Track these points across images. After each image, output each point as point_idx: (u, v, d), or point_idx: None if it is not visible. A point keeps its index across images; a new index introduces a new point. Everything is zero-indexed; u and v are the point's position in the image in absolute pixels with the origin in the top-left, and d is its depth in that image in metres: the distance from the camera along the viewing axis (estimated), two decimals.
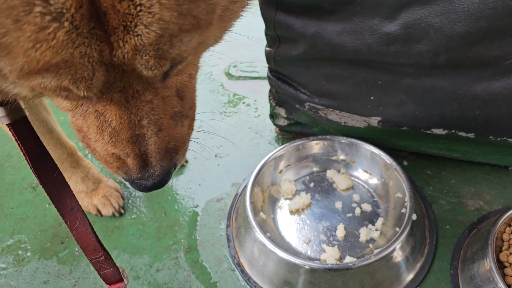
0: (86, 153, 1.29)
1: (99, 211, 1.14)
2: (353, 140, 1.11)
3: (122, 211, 1.14)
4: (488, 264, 0.89)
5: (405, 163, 1.17)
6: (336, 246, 0.99)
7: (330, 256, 0.97)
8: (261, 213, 1.05)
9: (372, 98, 1.04)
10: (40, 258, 1.07)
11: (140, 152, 0.53)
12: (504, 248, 0.93)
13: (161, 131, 0.52)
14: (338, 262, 0.96)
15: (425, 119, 1.03)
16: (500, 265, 0.91)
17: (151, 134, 0.52)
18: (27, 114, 0.67)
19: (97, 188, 1.15)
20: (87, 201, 1.13)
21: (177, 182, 1.21)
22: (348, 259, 0.95)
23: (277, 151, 1.11)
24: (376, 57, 0.96)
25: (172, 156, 0.56)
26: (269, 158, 1.09)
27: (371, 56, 0.97)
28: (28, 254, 1.08)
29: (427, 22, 0.88)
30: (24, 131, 0.65)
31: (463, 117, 1.00)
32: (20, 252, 1.09)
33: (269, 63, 1.15)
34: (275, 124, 1.29)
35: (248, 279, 0.99)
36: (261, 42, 1.14)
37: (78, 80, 0.41)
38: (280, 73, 1.15)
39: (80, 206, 0.72)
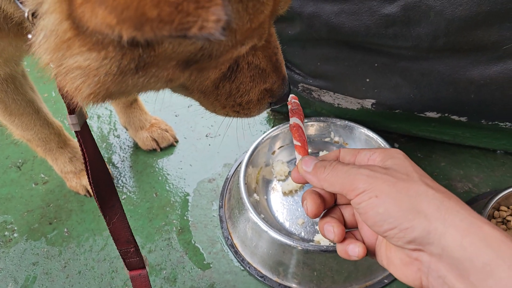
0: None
1: (88, 191, 1.11)
2: (348, 122, 1.11)
3: None
4: None
5: (396, 145, 1.18)
6: None
7: (324, 237, 0.97)
8: (255, 194, 1.04)
9: (367, 80, 1.04)
10: (28, 239, 1.05)
11: (279, 73, 0.62)
12: None
13: (279, 50, 0.62)
14: (331, 244, 0.97)
15: (419, 102, 1.04)
16: None
17: (280, 55, 0.61)
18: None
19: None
20: (75, 182, 1.11)
21: (167, 162, 1.19)
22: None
23: (271, 132, 1.10)
24: (374, 39, 0.95)
25: None
26: (263, 138, 1.08)
27: (369, 38, 0.96)
28: (15, 235, 1.06)
29: (428, 5, 0.87)
30: (86, 136, 0.66)
31: (457, 101, 1.00)
32: (6, 233, 1.06)
33: None
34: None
35: (241, 260, 0.99)
36: None
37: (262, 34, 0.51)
38: None
39: (121, 203, 0.75)
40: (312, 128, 1.14)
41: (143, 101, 1.23)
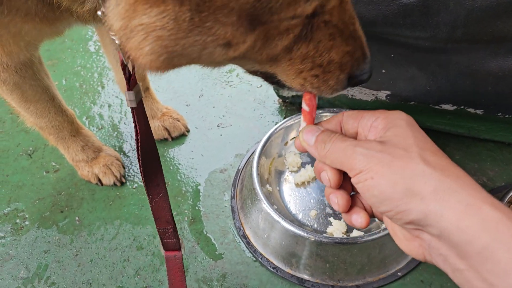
0: (84, 121, 1.25)
1: (99, 180, 1.11)
2: None
3: (123, 181, 1.12)
4: None
5: None
6: (342, 220, 0.99)
7: (337, 229, 0.97)
8: (268, 185, 1.03)
9: (383, 71, 1.02)
10: (39, 227, 1.04)
11: (360, 44, 0.59)
12: None
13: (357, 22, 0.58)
14: (345, 235, 0.96)
15: (435, 94, 1.02)
16: None
17: (358, 27, 0.58)
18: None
19: (97, 157, 1.11)
20: (87, 170, 1.10)
21: (179, 152, 1.18)
22: (356, 233, 0.95)
23: (285, 122, 1.08)
24: (391, 29, 0.94)
25: None
26: (277, 129, 1.07)
27: (386, 28, 0.94)
28: (27, 223, 1.05)
29: None
30: (140, 113, 0.67)
31: (474, 93, 0.99)
32: (18, 220, 1.06)
33: None
34: (278, 95, 1.26)
35: (253, 250, 0.98)
36: None
37: None
38: None
39: (165, 183, 0.75)
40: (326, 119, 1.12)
41: (154, 90, 1.22)
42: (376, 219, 0.99)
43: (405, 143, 0.48)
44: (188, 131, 1.23)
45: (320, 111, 1.12)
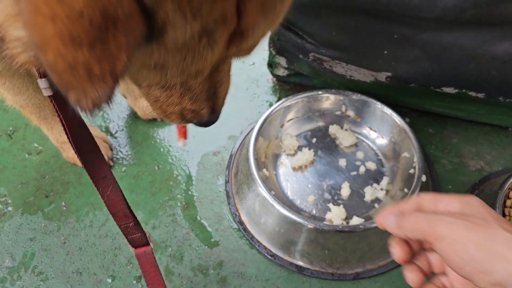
0: None
1: None
2: (362, 96, 1.06)
3: (111, 163, 1.07)
4: None
5: (408, 120, 1.14)
6: (341, 206, 0.97)
7: (336, 216, 0.94)
8: (264, 170, 1.00)
9: (385, 52, 0.98)
10: (23, 213, 0.99)
11: (212, 104, 0.62)
12: (506, 214, 0.94)
13: (224, 86, 0.62)
14: (344, 222, 0.94)
15: (437, 77, 0.99)
16: None
17: (221, 91, 0.61)
18: None
19: None
20: (73, 153, 1.04)
21: (169, 133, 1.13)
22: (356, 220, 0.93)
23: (282, 103, 1.04)
24: (396, 9, 0.90)
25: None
26: (273, 110, 1.03)
27: (391, 7, 0.90)
28: (10, 208, 1.00)
29: None
30: (62, 101, 0.62)
31: (477, 77, 0.96)
32: (0, 206, 1.00)
33: None
34: (273, 74, 1.21)
35: (250, 237, 0.95)
36: None
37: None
38: (286, 19, 1.06)
39: (113, 175, 0.71)
40: (326, 101, 1.09)
41: None
42: (376, 205, 0.97)
43: (483, 216, 0.53)
44: None
45: (320, 92, 1.08)
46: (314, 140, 1.08)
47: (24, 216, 0.99)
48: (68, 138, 0.65)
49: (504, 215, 0.92)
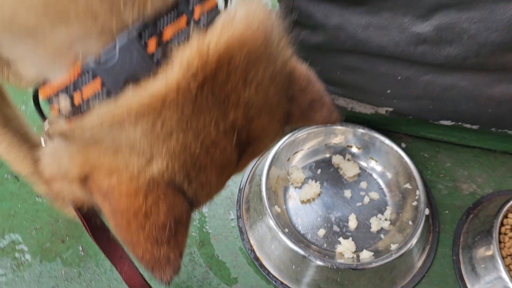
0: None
1: None
2: (367, 130, 1.11)
3: None
4: (492, 251, 0.97)
5: (403, 145, 1.20)
6: (350, 238, 1.03)
7: (347, 249, 1.00)
8: (276, 206, 1.04)
9: (388, 91, 1.03)
10: (42, 261, 1.00)
11: None
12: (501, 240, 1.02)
13: None
14: (354, 256, 1.00)
15: (436, 113, 1.05)
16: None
17: None
18: None
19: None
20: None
21: None
22: (366, 253, 0.99)
23: (288, 138, 1.08)
24: (402, 55, 0.94)
25: None
26: (280, 146, 1.07)
27: (396, 54, 0.94)
28: (27, 256, 1.01)
29: (462, 27, 0.86)
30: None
31: (474, 113, 1.03)
32: (17, 254, 1.01)
33: None
34: None
35: (267, 273, 1.00)
36: None
37: None
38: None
39: (127, 253, 0.78)
40: (331, 134, 1.14)
41: None
42: (382, 235, 1.04)
43: None
44: None
45: (326, 125, 1.12)
46: (319, 171, 1.13)
47: (43, 264, 1.00)
48: (82, 222, 0.72)
49: (500, 241, 1.00)
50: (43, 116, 0.55)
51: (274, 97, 0.50)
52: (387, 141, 1.09)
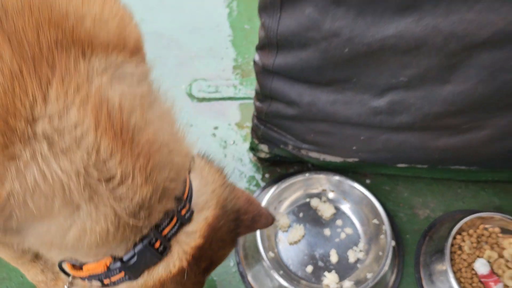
0: None
1: None
2: (338, 176, 1.32)
3: None
4: (445, 266, 1.21)
5: (368, 181, 1.42)
6: (333, 271, 1.24)
7: (331, 281, 1.21)
8: (270, 252, 1.24)
9: (354, 148, 1.24)
10: None
11: None
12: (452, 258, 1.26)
13: None
14: (338, 285, 1.21)
15: (394, 160, 1.28)
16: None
17: None
18: None
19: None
20: None
21: None
22: (347, 283, 1.20)
23: (274, 191, 1.27)
24: (364, 123, 1.15)
25: None
26: (269, 199, 1.26)
27: (359, 122, 1.15)
28: None
29: (410, 102, 1.07)
30: None
31: (424, 159, 1.26)
32: None
33: (259, 116, 1.26)
34: (255, 155, 1.43)
35: None
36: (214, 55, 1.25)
37: None
38: (269, 123, 1.28)
39: None
40: (310, 181, 1.34)
41: None
42: (358, 265, 1.25)
43: None
44: None
45: (306, 174, 1.32)
46: (301, 214, 1.33)
47: None
48: None
49: (451, 259, 1.25)
50: (66, 274, 0.72)
51: (227, 236, 0.75)
52: (355, 184, 1.31)
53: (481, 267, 1.24)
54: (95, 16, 0.55)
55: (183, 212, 0.67)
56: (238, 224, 0.77)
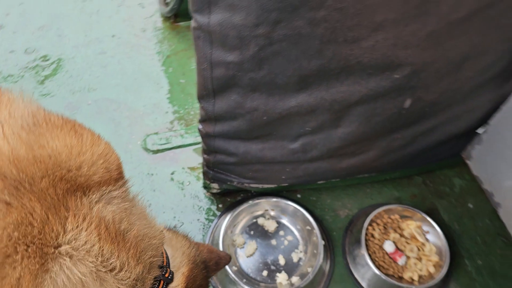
0: None
1: None
2: (276, 198, 1.71)
3: None
4: (362, 251, 1.64)
5: (299, 195, 1.83)
6: (283, 271, 1.64)
7: (283, 279, 1.61)
8: (233, 266, 1.61)
9: (283, 177, 1.64)
10: None
11: None
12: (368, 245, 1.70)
13: None
14: (288, 281, 1.61)
15: (314, 179, 1.69)
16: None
17: None
18: None
19: None
20: None
21: None
22: (295, 279, 1.61)
23: (230, 220, 1.65)
24: (286, 160, 1.55)
25: None
26: (226, 226, 1.63)
27: (283, 160, 1.55)
28: None
29: (316, 142, 1.49)
30: None
31: (335, 175, 1.68)
32: None
33: (208, 164, 1.63)
34: (208, 191, 1.79)
35: None
36: (159, 110, 1.60)
37: None
38: (216, 168, 1.65)
39: None
40: (255, 206, 1.72)
41: None
42: (301, 263, 1.66)
43: None
44: None
45: (250, 201, 1.70)
46: (252, 232, 1.72)
47: None
48: None
49: (366, 245, 1.68)
50: None
51: (202, 281, 1.02)
52: (289, 202, 1.71)
53: (388, 246, 1.68)
54: (88, 162, 0.76)
55: (167, 275, 0.86)
56: (207, 270, 1.03)
